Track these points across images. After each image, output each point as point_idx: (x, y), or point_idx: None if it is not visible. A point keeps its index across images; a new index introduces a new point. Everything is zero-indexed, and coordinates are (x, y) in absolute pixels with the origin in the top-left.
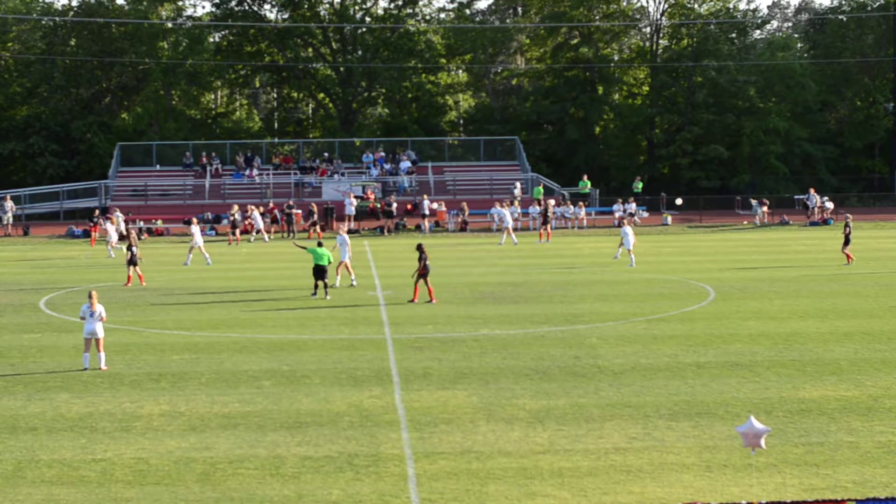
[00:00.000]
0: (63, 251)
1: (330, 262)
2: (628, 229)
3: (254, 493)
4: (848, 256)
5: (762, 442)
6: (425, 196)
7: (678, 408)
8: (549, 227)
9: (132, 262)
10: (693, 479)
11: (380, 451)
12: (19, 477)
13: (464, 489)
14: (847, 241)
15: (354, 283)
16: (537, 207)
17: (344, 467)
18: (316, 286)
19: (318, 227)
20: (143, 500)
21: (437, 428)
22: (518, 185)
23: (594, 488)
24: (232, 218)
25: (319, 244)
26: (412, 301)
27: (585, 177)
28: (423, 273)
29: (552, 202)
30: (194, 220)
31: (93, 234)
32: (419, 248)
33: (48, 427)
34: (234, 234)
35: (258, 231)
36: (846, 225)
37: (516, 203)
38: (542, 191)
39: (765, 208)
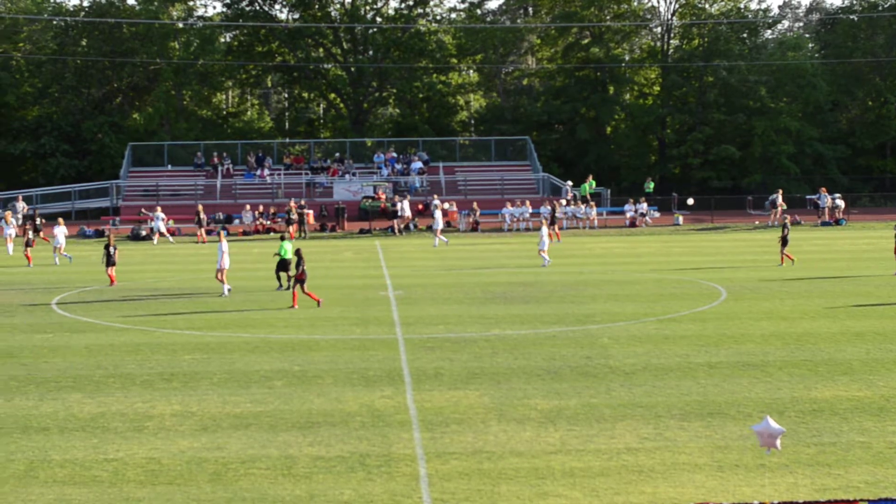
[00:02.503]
0: (75, 251)
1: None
2: (544, 230)
3: (266, 493)
4: (785, 257)
5: (777, 442)
6: (435, 196)
7: (690, 408)
8: (556, 227)
9: (111, 262)
10: (705, 480)
11: (391, 451)
12: (31, 477)
13: (476, 489)
14: (785, 242)
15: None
16: (547, 207)
17: (356, 467)
18: (278, 278)
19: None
20: (155, 500)
21: (448, 428)
22: (569, 182)
23: (606, 488)
24: (287, 216)
25: (283, 238)
26: (292, 307)
27: (591, 177)
28: (300, 279)
29: (563, 202)
30: (60, 220)
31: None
32: (297, 253)
33: (60, 427)
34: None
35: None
36: (784, 226)
37: (527, 203)
38: (588, 187)
39: (779, 199)
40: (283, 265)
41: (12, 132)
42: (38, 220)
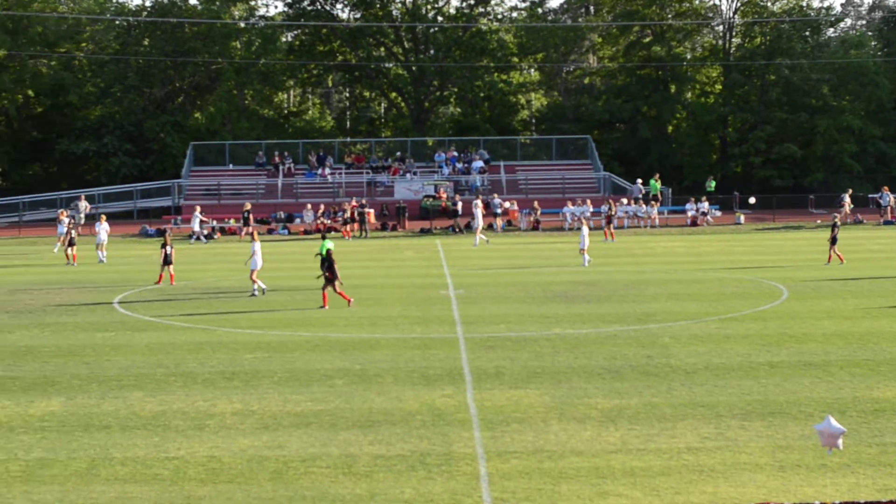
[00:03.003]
0: (137, 250)
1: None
2: (585, 230)
3: (326, 491)
4: (835, 256)
5: (839, 442)
6: (496, 195)
7: (751, 407)
8: (611, 226)
9: (167, 261)
10: (766, 480)
11: (452, 450)
12: (93, 475)
13: (536, 488)
14: (834, 241)
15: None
16: (604, 207)
17: (416, 466)
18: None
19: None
20: (216, 499)
21: (509, 427)
22: (639, 181)
23: (667, 488)
24: (344, 215)
25: (323, 236)
26: (322, 307)
27: (657, 176)
28: (330, 279)
29: (624, 200)
30: (102, 217)
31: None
32: (328, 253)
33: (122, 425)
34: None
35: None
36: (834, 225)
37: (588, 202)
38: (657, 185)
39: (846, 199)
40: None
41: (75, 132)
42: (79, 218)
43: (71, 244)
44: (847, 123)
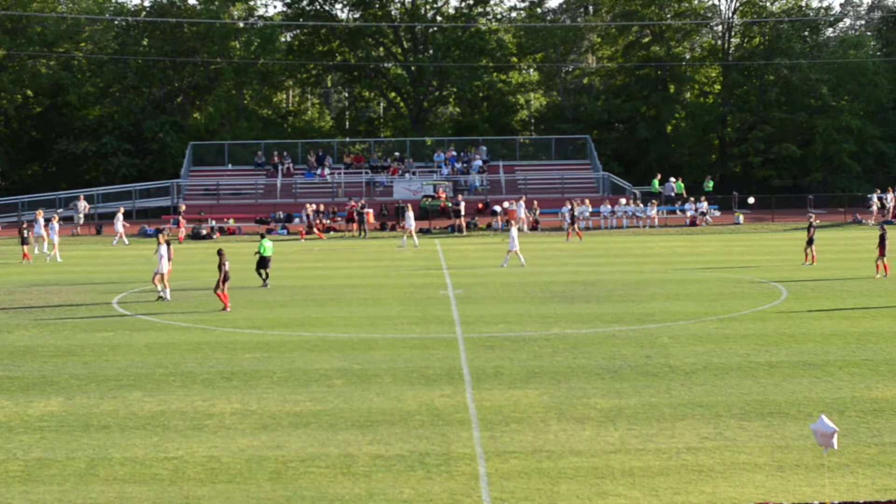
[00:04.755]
0: (136, 250)
1: (271, 254)
2: (514, 232)
3: (325, 491)
4: (807, 256)
5: (834, 442)
6: (516, 201)
7: (750, 407)
8: (576, 226)
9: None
10: (765, 479)
11: (451, 450)
12: (92, 475)
13: (535, 488)
14: (811, 241)
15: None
16: (609, 206)
17: (415, 466)
18: (259, 275)
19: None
20: (215, 499)
21: (508, 427)
22: (658, 175)
23: (666, 488)
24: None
25: (262, 235)
26: (225, 310)
27: (678, 179)
28: (224, 279)
29: (623, 201)
30: (39, 212)
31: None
32: (219, 253)
33: (121, 425)
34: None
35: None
36: (810, 226)
37: (587, 202)
38: (682, 185)
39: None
40: (262, 263)
41: (74, 132)
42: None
43: (24, 242)
44: (846, 123)
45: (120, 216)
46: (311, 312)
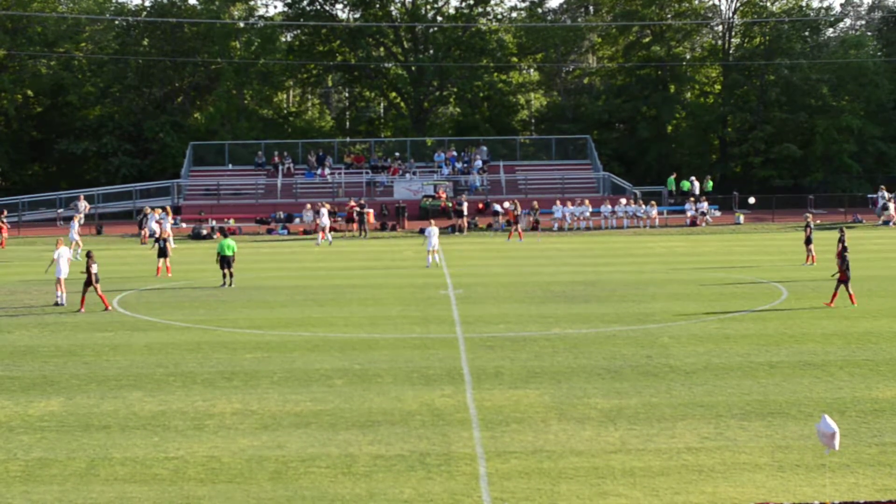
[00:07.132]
0: (136, 250)
1: (233, 253)
2: (433, 230)
3: (325, 491)
4: (809, 257)
5: (835, 442)
6: (523, 203)
7: (750, 407)
8: (518, 227)
9: (163, 253)
10: (765, 479)
11: (451, 450)
12: (92, 475)
13: (535, 488)
14: (809, 240)
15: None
16: (609, 206)
17: (415, 466)
18: (223, 276)
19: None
20: (216, 499)
21: (508, 427)
22: (693, 178)
23: (666, 488)
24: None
25: (225, 235)
26: (105, 310)
27: (695, 178)
28: (90, 282)
29: (623, 201)
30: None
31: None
32: (88, 254)
33: (121, 425)
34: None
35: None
36: (807, 225)
37: (586, 202)
38: (711, 184)
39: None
40: (224, 262)
41: (74, 132)
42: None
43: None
44: (846, 123)
45: (77, 222)
46: (312, 312)
